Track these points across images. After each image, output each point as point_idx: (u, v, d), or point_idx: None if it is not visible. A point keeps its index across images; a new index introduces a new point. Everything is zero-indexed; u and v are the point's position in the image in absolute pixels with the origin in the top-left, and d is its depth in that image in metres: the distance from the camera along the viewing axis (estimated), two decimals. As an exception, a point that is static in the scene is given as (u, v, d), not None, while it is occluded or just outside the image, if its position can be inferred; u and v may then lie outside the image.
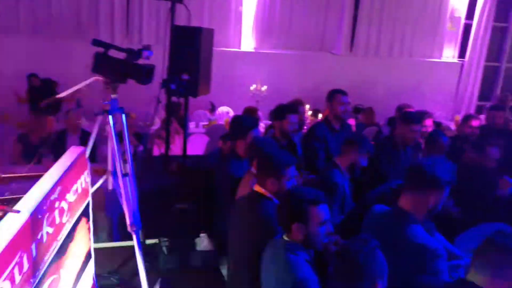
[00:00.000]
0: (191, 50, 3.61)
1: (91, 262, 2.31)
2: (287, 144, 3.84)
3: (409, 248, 2.22)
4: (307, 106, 7.11)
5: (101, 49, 2.55)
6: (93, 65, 2.52)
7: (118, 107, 2.60)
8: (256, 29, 8.12)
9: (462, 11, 9.33)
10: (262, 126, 6.36)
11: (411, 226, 2.27)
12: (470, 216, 3.59)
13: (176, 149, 4.84)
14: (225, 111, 7.07)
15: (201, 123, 6.87)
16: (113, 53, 2.56)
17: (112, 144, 2.57)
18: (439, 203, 2.31)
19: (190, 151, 5.61)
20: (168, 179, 3.64)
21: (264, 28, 8.14)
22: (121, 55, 2.60)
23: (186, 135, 4.02)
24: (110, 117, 2.53)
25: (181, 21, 3.99)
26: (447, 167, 2.37)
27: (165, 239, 3.17)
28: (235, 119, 3.34)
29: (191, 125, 6.80)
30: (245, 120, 3.22)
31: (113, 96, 2.56)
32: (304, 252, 2.08)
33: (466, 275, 1.85)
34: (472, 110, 9.73)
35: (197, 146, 5.91)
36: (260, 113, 6.69)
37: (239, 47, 7.98)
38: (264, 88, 7.35)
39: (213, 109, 7.27)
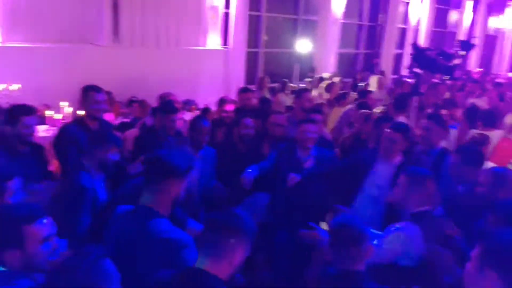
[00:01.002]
0: None
1: None
2: (31, 151, 3.34)
3: (153, 245, 2.12)
4: (67, 103, 6.50)
5: None
6: None
7: None
8: (0, 21, 6.99)
9: (220, 0, 9.85)
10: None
11: (153, 221, 2.17)
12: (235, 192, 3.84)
13: None
14: (-33, 119, 5.88)
15: None
16: None
17: None
18: (180, 192, 2.27)
19: None
20: None
21: (10, 20, 7.06)
22: None
23: None
24: None
25: None
26: (183, 156, 2.35)
27: None
28: None
29: None
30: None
31: None
32: (26, 279, 1.76)
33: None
34: (241, 94, 10.53)
35: None
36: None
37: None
38: (17, 87, 6.41)
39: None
